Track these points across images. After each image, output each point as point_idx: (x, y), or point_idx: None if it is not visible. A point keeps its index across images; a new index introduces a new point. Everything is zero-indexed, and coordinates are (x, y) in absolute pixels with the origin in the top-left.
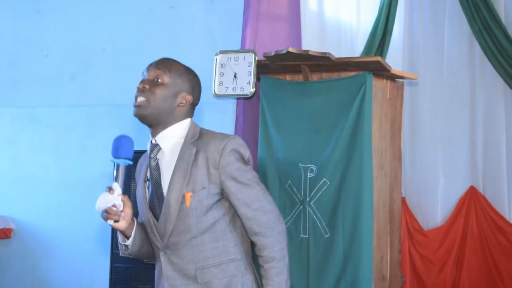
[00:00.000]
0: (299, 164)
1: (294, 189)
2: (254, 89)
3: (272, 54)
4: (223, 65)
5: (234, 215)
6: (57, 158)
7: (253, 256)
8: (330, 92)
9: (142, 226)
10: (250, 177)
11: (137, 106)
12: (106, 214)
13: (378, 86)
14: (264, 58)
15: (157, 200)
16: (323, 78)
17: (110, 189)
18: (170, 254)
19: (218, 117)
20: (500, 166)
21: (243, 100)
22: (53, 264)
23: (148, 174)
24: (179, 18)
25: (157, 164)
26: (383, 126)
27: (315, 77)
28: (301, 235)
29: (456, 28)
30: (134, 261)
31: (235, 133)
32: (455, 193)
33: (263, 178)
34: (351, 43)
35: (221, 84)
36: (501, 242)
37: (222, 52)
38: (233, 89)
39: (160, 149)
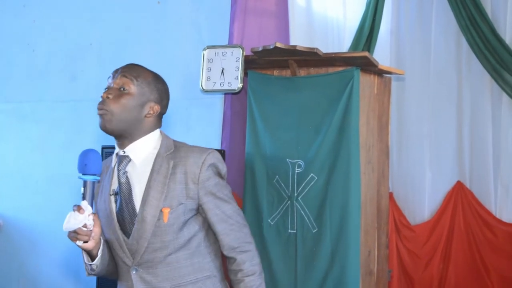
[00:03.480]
0: (287, 160)
1: (282, 184)
2: (242, 84)
3: (260, 49)
4: (211, 60)
5: (208, 230)
6: (44, 153)
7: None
8: (318, 88)
9: (107, 243)
10: (226, 192)
11: (102, 118)
12: (75, 234)
13: (365, 82)
14: (252, 53)
15: (128, 216)
16: (310, 74)
17: (79, 208)
18: (142, 272)
19: (206, 112)
20: (487, 161)
21: (230, 95)
22: (40, 260)
23: (116, 188)
24: (166, 13)
25: (127, 177)
26: (370, 121)
27: (302, 72)
28: (289, 230)
29: (443, 24)
30: None
31: (223, 128)
32: (442, 188)
33: (251, 174)
34: (339, 39)
35: (208, 79)
36: (488, 236)
37: (209, 47)
38: (220, 84)
39: (129, 161)
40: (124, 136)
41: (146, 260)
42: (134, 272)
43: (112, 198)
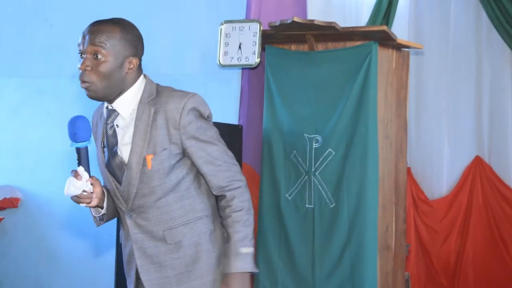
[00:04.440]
0: (304, 135)
1: (300, 159)
2: (259, 59)
3: (277, 23)
4: (228, 35)
5: (198, 172)
6: (63, 128)
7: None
8: (336, 62)
9: (110, 193)
10: (211, 134)
11: (86, 89)
12: (77, 198)
13: (383, 56)
14: (269, 28)
15: (116, 166)
16: (328, 48)
17: (76, 174)
18: (136, 217)
19: (223, 87)
20: (506, 136)
21: (248, 70)
22: (59, 234)
23: (105, 141)
24: None
25: (114, 131)
26: (388, 96)
27: (320, 46)
28: (306, 205)
29: None
30: None
31: (240, 103)
32: (460, 163)
33: (269, 149)
34: (357, 13)
35: (226, 54)
36: (507, 211)
37: (227, 22)
38: (238, 59)
39: (118, 114)
40: (111, 97)
41: (138, 205)
42: (128, 217)
43: (103, 150)
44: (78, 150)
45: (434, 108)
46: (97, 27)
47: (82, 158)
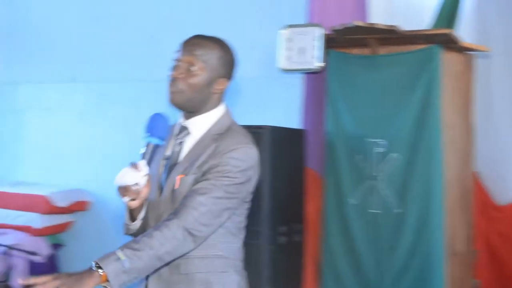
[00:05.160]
0: (368, 139)
1: (363, 163)
2: (323, 63)
3: (340, 28)
4: (290, 40)
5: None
6: (128, 133)
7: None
8: (398, 66)
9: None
10: (224, 185)
11: (172, 93)
12: (125, 190)
13: (448, 59)
14: (330, 32)
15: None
16: (390, 52)
17: (135, 166)
18: None
19: (286, 91)
20: None
21: (311, 74)
22: (129, 238)
23: (168, 154)
24: None
25: (180, 147)
26: (454, 100)
27: (382, 50)
28: (371, 210)
29: None
30: None
31: (303, 108)
32: None
33: (332, 153)
34: (420, 15)
35: (288, 59)
36: None
37: (288, 26)
38: (300, 63)
39: (188, 133)
40: (191, 110)
41: None
42: None
43: (163, 162)
44: (148, 144)
45: (502, 112)
46: (199, 40)
47: (147, 153)
